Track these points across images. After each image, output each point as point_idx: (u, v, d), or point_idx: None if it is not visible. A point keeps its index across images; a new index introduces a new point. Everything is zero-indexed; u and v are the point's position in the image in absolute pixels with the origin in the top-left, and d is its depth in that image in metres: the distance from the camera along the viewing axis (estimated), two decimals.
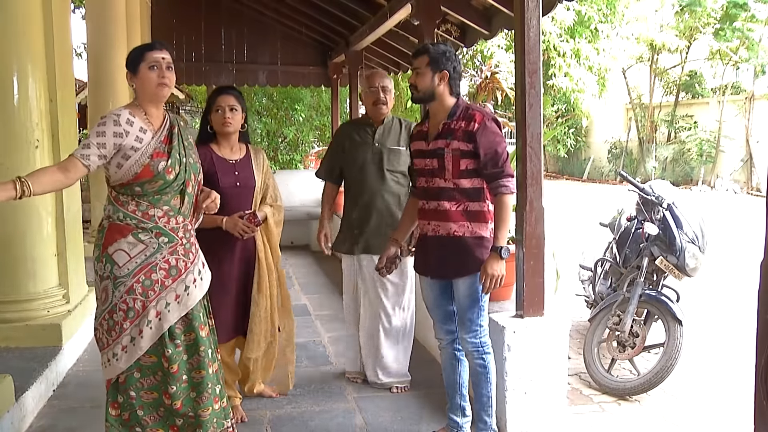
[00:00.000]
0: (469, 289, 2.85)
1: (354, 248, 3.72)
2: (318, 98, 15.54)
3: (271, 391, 3.58)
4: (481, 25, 5.03)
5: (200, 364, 2.62)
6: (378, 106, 3.65)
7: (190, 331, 2.61)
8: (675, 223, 4.00)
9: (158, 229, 2.54)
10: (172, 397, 2.57)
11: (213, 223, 3.14)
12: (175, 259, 2.57)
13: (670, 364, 3.69)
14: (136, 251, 2.50)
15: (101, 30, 6.55)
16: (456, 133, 2.82)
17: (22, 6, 3.80)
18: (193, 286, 2.60)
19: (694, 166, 19.56)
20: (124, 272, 2.49)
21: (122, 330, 2.50)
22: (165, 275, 2.54)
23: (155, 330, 2.52)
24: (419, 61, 2.88)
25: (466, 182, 2.84)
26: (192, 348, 2.62)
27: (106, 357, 2.55)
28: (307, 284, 6.51)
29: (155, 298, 2.52)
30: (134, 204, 2.52)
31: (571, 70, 16.40)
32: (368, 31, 6.52)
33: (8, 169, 3.78)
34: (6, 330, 3.84)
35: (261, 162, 3.36)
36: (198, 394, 2.62)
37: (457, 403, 3.07)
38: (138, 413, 2.58)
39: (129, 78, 2.57)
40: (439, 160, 2.85)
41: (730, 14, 17.97)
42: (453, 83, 2.89)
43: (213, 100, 3.20)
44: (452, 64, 2.87)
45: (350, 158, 3.72)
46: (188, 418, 2.62)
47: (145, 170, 2.48)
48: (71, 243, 4.27)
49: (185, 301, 2.58)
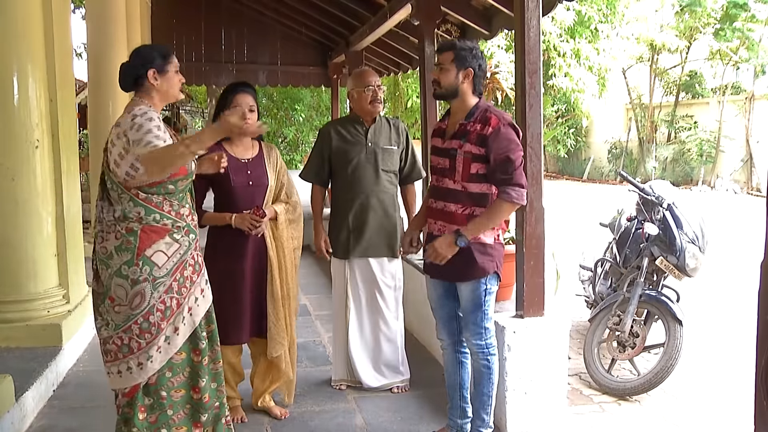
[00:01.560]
0: (471, 294, 2.84)
1: (350, 252, 3.64)
2: (318, 98, 15.57)
3: (278, 410, 3.42)
4: (481, 25, 5.03)
5: (217, 355, 2.71)
6: (375, 105, 3.60)
7: (210, 323, 2.69)
8: (675, 223, 4.00)
9: (187, 227, 2.59)
10: (202, 391, 2.61)
11: (222, 221, 3.13)
12: (197, 255, 2.66)
13: (671, 364, 3.69)
14: (172, 251, 2.52)
15: (101, 30, 6.54)
16: (470, 135, 2.77)
17: (22, 6, 3.80)
18: (206, 278, 2.71)
19: (694, 166, 19.55)
20: (163, 272, 2.48)
21: (159, 330, 2.48)
22: (192, 271, 2.60)
23: (188, 326, 2.56)
24: (444, 57, 2.83)
25: (474, 186, 2.79)
26: (212, 340, 2.69)
27: (135, 362, 2.47)
28: (307, 284, 6.51)
29: (187, 294, 2.56)
30: (168, 204, 2.52)
31: (571, 70, 16.40)
32: (368, 31, 6.52)
33: (8, 169, 3.79)
34: (6, 330, 3.84)
35: (274, 160, 3.31)
36: (218, 384, 2.71)
37: (457, 404, 3.07)
38: (168, 413, 2.59)
39: (153, 76, 2.53)
40: (450, 160, 2.82)
41: (730, 14, 17.96)
42: (477, 81, 2.83)
43: (230, 98, 3.13)
44: (477, 61, 2.82)
45: (341, 157, 3.62)
46: (213, 410, 2.68)
47: (183, 169, 2.51)
48: (71, 243, 4.27)
49: (207, 294, 2.67)
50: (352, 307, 3.71)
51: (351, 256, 3.65)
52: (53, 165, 4.10)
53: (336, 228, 3.70)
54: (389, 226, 3.66)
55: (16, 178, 3.81)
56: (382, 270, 3.69)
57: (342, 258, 3.69)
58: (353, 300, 3.70)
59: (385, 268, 3.69)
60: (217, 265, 3.16)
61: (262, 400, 3.43)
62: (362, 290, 3.70)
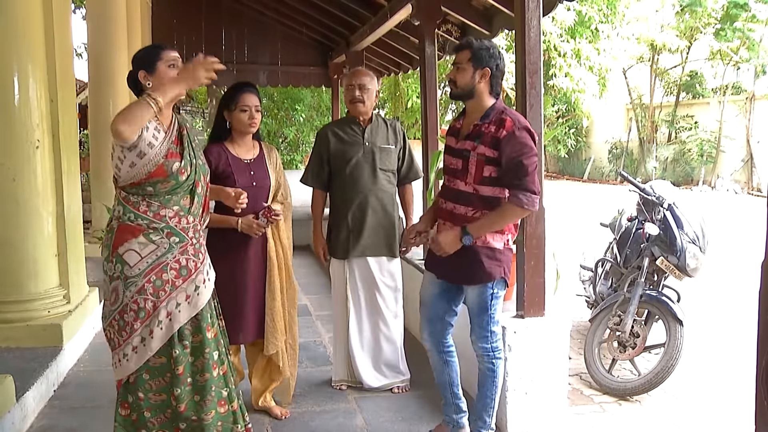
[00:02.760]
0: (478, 298, 2.82)
1: (349, 252, 3.64)
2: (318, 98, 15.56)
3: (278, 410, 3.42)
4: (482, 26, 5.02)
5: (204, 366, 2.60)
6: (354, 104, 3.59)
7: (198, 332, 2.59)
8: (675, 223, 4.00)
9: (169, 229, 2.54)
10: (177, 400, 2.56)
11: (227, 224, 3.11)
12: (185, 259, 2.56)
13: (671, 364, 3.69)
14: (147, 251, 2.49)
15: (102, 30, 6.55)
16: (484, 137, 2.72)
17: (22, 6, 3.80)
18: (203, 286, 2.59)
19: (694, 166, 19.55)
20: (135, 272, 2.48)
21: (133, 330, 2.49)
22: (176, 275, 2.53)
23: (165, 331, 2.51)
24: (461, 56, 2.78)
25: (486, 189, 2.74)
26: (198, 350, 2.60)
27: (117, 357, 2.53)
28: (307, 285, 6.51)
29: (166, 298, 2.51)
30: (145, 204, 2.51)
31: (572, 70, 16.38)
32: (369, 32, 6.52)
33: (9, 169, 3.79)
34: (7, 330, 3.84)
35: (274, 160, 3.33)
36: (201, 398, 2.60)
37: (450, 400, 3.06)
38: (145, 415, 2.57)
39: (144, 77, 2.53)
40: (463, 161, 2.78)
41: (730, 14, 17.96)
42: (494, 82, 2.78)
43: (235, 99, 3.13)
44: (495, 61, 2.76)
45: (339, 158, 3.62)
46: (191, 422, 2.59)
47: (159, 170, 2.47)
48: (72, 243, 4.27)
49: (195, 302, 2.57)
50: (351, 307, 3.70)
51: (350, 256, 3.65)
52: (54, 165, 4.10)
53: (335, 228, 3.70)
54: (388, 225, 3.66)
55: (16, 178, 3.82)
56: (381, 270, 3.69)
57: (341, 258, 3.69)
58: (353, 300, 3.70)
59: (384, 267, 3.70)
60: (218, 266, 3.16)
61: (263, 400, 3.43)
62: (361, 290, 3.70)
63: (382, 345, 3.73)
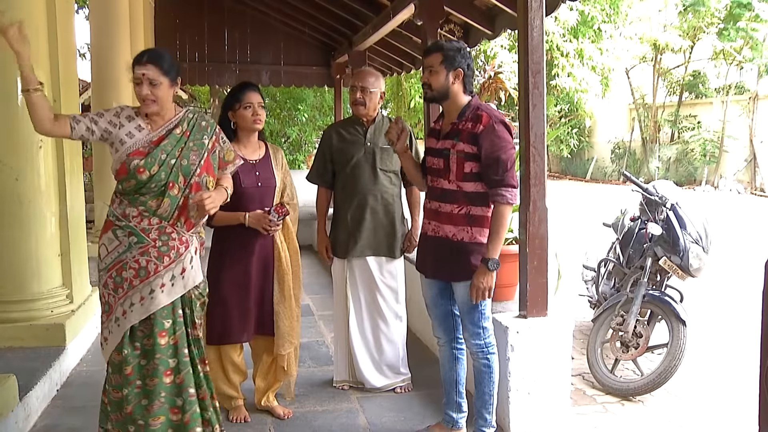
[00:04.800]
0: (466, 295, 2.83)
1: (349, 252, 3.64)
2: (321, 98, 15.57)
3: (281, 410, 3.40)
4: (485, 25, 5.03)
5: (154, 371, 2.56)
6: (356, 106, 3.61)
7: (149, 336, 2.56)
8: (678, 223, 3.99)
9: (130, 229, 2.56)
10: (126, 400, 2.54)
11: (235, 221, 3.12)
12: (145, 261, 2.54)
13: (674, 364, 3.68)
14: (112, 247, 2.57)
15: (105, 30, 6.56)
16: (462, 134, 2.77)
17: (25, 6, 3.80)
18: (159, 290, 2.54)
19: (697, 166, 19.51)
20: (102, 266, 2.59)
21: (103, 321, 2.60)
22: (134, 275, 2.54)
23: (120, 328, 2.55)
24: (432, 59, 2.81)
25: (469, 185, 2.79)
26: (149, 354, 2.57)
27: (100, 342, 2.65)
28: (310, 284, 6.51)
29: (123, 296, 2.54)
30: (118, 202, 2.59)
31: (575, 70, 16.40)
32: (371, 32, 6.52)
33: (12, 169, 3.80)
34: (10, 330, 3.85)
35: (280, 161, 3.34)
36: (149, 402, 2.56)
37: (453, 399, 3.08)
38: (108, 408, 2.62)
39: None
40: (444, 160, 2.82)
41: (733, 14, 17.92)
42: (467, 81, 2.82)
43: (239, 98, 3.15)
44: (466, 61, 2.81)
45: (341, 156, 3.63)
46: (138, 426, 2.55)
47: (122, 168, 2.53)
48: (75, 243, 4.28)
49: (147, 305, 2.53)
50: (351, 307, 3.71)
51: (349, 255, 3.65)
52: (57, 165, 4.11)
53: (336, 227, 3.71)
54: (388, 225, 3.66)
55: (20, 178, 3.82)
56: (381, 270, 3.68)
57: (342, 257, 3.70)
58: (353, 300, 3.71)
59: (384, 268, 3.69)
60: (224, 265, 3.17)
61: (266, 400, 3.43)
62: (361, 290, 3.70)
63: (383, 345, 3.73)
